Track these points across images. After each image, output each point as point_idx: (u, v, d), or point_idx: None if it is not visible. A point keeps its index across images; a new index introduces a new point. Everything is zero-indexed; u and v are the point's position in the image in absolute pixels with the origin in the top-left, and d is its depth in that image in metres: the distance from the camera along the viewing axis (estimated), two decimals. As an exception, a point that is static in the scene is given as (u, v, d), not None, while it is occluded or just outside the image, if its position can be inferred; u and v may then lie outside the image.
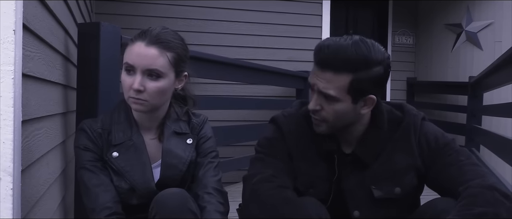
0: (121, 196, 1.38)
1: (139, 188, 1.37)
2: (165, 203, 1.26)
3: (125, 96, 1.39)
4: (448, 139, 1.37)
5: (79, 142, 1.41)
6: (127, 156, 1.39)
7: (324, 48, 1.27)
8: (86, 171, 1.38)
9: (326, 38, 1.32)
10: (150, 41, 1.35)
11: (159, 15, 4.51)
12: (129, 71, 1.35)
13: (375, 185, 1.36)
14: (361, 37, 1.29)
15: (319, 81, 1.28)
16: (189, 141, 1.48)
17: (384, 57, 1.28)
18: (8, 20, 0.97)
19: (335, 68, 1.25)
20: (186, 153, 1.45)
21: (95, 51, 1.71)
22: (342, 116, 1.32)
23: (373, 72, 1.26)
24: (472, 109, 4.73)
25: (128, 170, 1.37)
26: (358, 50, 1.24)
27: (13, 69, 0.98)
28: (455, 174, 1.29)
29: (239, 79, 4.03)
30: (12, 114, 0.98)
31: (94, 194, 1.35)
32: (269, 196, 1.28)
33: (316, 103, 1.32)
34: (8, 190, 0.97)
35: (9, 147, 0.98)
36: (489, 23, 5.01)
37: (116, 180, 1.38)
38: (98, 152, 1.40)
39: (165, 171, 1.42)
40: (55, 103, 1.54)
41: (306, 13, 5.06)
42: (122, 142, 1.40)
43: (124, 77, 1.36)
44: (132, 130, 1.41)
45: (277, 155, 1.39)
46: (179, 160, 1.44)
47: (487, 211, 1.15)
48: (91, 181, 1.37)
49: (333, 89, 1.27)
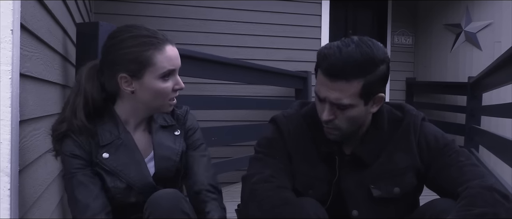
0: (117, 196, 1.36)
1: (137, 185, 1.36)
2: (159, 203, 1.26)
3: (163, 102, 1.38)
4: (448, 140, 1.37)
5: (66, 149, 1.32)
6: (118, 155, 1.36)
7: (330, 57, 1.23)
8: (74, 180, 1.32)
9: (327, 46, 1.28)
10: (172, 41, 1.37)
11: (158, 15, 4.51)
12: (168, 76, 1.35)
13: (374, 184, 1.35)
14: (359, 38, 1.27)
15: (330, 93, 1.25)
16: (176, 132, 1.47)
17: (385, 54, 1.28)
18: (5, 19, 0.97)
19: (347, 76, 1.23)
20: (176, 144, 1.45)
21: (94, 51, 1.70)
22: (355, 120, 1.31)
23: (379, 71, 1.26)
24: (471, 109, 4.73)
25: (121, 169, 1.35)
26: (363, 53, 1.23)
27: (11, 69, 0.98)
28: (455, 174, 1.29)
29: (238, 79, 4.02)
30: (9, 114, 0.97)
31: (83, 205, 1.30)
32: (268, 196, 1.28)
33: (329, 113, 1.29)
34: (6, 190, 0.97)
35: (7, 147, 0.97)
36: (488, 23, 5.01)
37: (110, 181, 1.35)
38: (86, 158, 1.34)
39: (160, 163, 1.41)
40: (53, 103, 1.54)
41: (305, 13, 5.05)
42: (110, 141, 1.36)
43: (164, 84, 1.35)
44: (119, 128, 1.38)
45: (276, 155, 1.39)
46: (172, 151, 1.43)
47: (487, 212, 1.14)
48: (79, 191, 1.30)
49: (347, 98, 1.25)
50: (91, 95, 1.34)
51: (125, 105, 1.38)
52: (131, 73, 1.31)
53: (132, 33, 1.33)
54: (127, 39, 1.32)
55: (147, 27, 1.37)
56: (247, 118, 4.60)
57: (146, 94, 1.34)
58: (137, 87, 1.33)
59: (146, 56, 1.31)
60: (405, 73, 5.87)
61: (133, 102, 1.37)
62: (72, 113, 1.32)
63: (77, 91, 1.35)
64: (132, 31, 1.34)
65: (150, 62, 1.31)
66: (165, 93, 1.35)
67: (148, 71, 1.32)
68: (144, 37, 1.32)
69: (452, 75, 5.38)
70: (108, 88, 1.37)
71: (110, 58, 1.34)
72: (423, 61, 5.87)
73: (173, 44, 1.36)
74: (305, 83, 4.76)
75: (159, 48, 1.32)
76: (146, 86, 1.33)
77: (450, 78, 5.39)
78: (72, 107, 1.33)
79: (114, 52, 1.33)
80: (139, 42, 1.31)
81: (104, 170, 1.34)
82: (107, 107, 1.39)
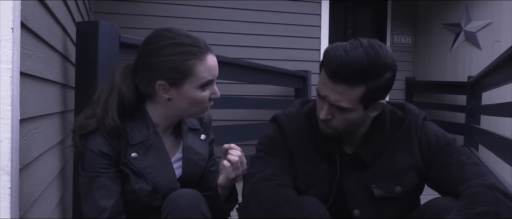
0: (143, 199, 1.33)
1: (163, 190, 1.33)
2: (178, 203, 1.24)
3: (197, 110, 1.37)
4: (449, 139, 1.36)
5: (93, 145, 1.29)
6: (147, 156, 1.33)
7: (336, 59, 1.21)
8: (97, 180, 1.28)
9: (334, 46, 1.26)
10: (211, 50, 1.35)
11: (158, 14, 4.50)
12: (206, 86, 1.34)
13: (375, 184, 1.35)
14: (369, 41, 1.24)
15: (331, 93, 1.25)
16: (202, 136, 1.47)
17: (393, 61, 1.26)
18: (6, 18, 0.97)
19: (349, 81, 1.22)
20: (202, 149, 1.46)
21: (94, 50, 1.69)
22: (352, 123, 1.31)
23: (384, 79, 1.24)
24: (471, 109, 4.73)
25: (149, 171, 1.32)
26: (371, 60, 1.20)
27: (11, 67, 0.97)
28: (456, 173, 1.29)
29: (238, 78, 4.02)
30: (10, 112, 0.97)
31: (101, 208, 1.27)
32: (269, 195, 1.27)
33: (327, 113, 1.29)
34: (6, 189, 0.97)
35: (7, 145, 0.97)
36: (488, 23, 5.01)
37: (136, 182, 1.31)
38: (113, 157, 1.31)
39: (187, 168, 1.40)
40: (53, 102, 1.54)
41: (305, 13, 5.05)
42: (140, 141, 1.33)
43: (201, 93, 1.34)
44: (149, 129, 1.36)
45: (277, 154, 1.38)
46: (199, 157, 1.44)
47: (488, 211, 1.14)
48: (100, 194, 1.28)
49: (346, 101, 1.25)
50: (127, 96, 1.32)
51: (158, 109, 1.36)
52: (170, 82, 1.29)
53: (173, 40, 1.30)
54: (168, 46, 1.29)
55: (188, 32, 1.34)
56: (246, 117, 4.59)
57: (183, 102, 1.33)
58: (174, 95, 1.31)
59: (187, 66, 1.28)
60: (405, 73, 5.87)
61: (167, 108, 1.35)
62: (104, 111, 1.29)
63: (110, 90, 1.32)
64: (173, 38, 1.31)
65: (191, 72, 1.29)
66: (202, 102, 1.35)
67: (188, 81, 1.30)
68: (185, 45, 1.29)
69: (452, 75, 5.38)
70: (143, 90, 1.35)
71: (148, 63, 1.31)
72: (422, 61, 5.87)
73: (213, 53, 1.34)
74: (305, 82, 4.75)
75: (200, 58, 1.30)
76: (184, 95, 1.31)
77: (449, 77, 5.39)
78: (105, 106, 1.30)
79: (153, 58, 1.30)
80: (181, 51, 1.29)
81: (131, 170, 1.31)
82: (139, 107, 1.37)
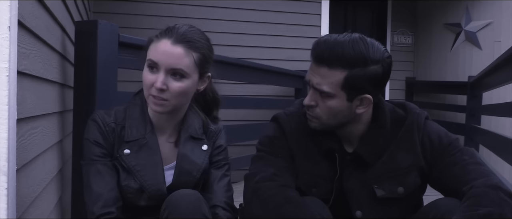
0: (128, 196, 1.34)
1: (149, 190, 1.33)
2: (179, 204, 1.23)
3: (145, 94, 1.33)
4: (451, 138, 1.35)
5: (90, 135, 1.35)
6: (139, 154, 1.34)
7: (321, 44, 1.27)
8: (92, 167, 1.33)
9: (325, 35, 1.32)
10: (176, 39, 1.30)
11: (158, 14, 4.49)
12: (152, 69, 1.30)
13: (377, 184, 1.34)
14: (362, 35, 1.28)
15: (314, 76, 1.28)
16: (204, 147, 1.44)
17: (383, 56, 1.26)
18: (3, 16, 0.96)
19: (330, 63, 1.25)
20: (200, 159, 1.42)
21: (93, 50, 1.68)
22: (336, 113, 1.30)
23: (369, 71, 1.24)
24: (471, 109, 4.72)
25: (139, 169, 1.33)
26: (355, 47, 1.24)
27: (8, 66, 0.96)
28: (459, 173, 1.28)
29: (238, 78, 4.01)
30: (6, 112, 0.96)
31: (97, 194, 1.31)
32: (271, 195, 1.26)
33: (311, 99, 1.31)
34: (3, 189, 0.96)
35: (4, 145, 0.96)
36: (488, 22, 5.00)
37: (124, 178, 1.34)
38: (108, 148, 1.35)
39: (179, 176, 1.39)
40: (51, 102, 1.52)
41: (305, 13, 5.04)
42: (135, 139, 1.35)
43: (146, 74, 1.31)
44: (146, 128, 1.37)
45: (278, 154, 1.37)
46: (194, 167, 1.41)
47: (492, 211, 1.13)
48: (96, 181, 1.32)
49: (327, 85, 1.26)
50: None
51: None
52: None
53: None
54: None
55: (188, 24, 1.38)
56: (247, 118, 4.58)
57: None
58: None
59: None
60: (405, 73, 5.87)
61: None
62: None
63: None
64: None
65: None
66: (145, 83, 1.32)
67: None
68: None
69: (452, 75, 5.37)
70: None
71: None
72: (423, 61, 5.86)
73: (176, 42, 1.30)
74: (304, 82, 4.74)
75: (158, 38, 1.33)
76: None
77: (450, 77, 5.38)
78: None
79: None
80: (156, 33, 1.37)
81: (122, 166, 1.34)
82: (143, 104, 1.40)
